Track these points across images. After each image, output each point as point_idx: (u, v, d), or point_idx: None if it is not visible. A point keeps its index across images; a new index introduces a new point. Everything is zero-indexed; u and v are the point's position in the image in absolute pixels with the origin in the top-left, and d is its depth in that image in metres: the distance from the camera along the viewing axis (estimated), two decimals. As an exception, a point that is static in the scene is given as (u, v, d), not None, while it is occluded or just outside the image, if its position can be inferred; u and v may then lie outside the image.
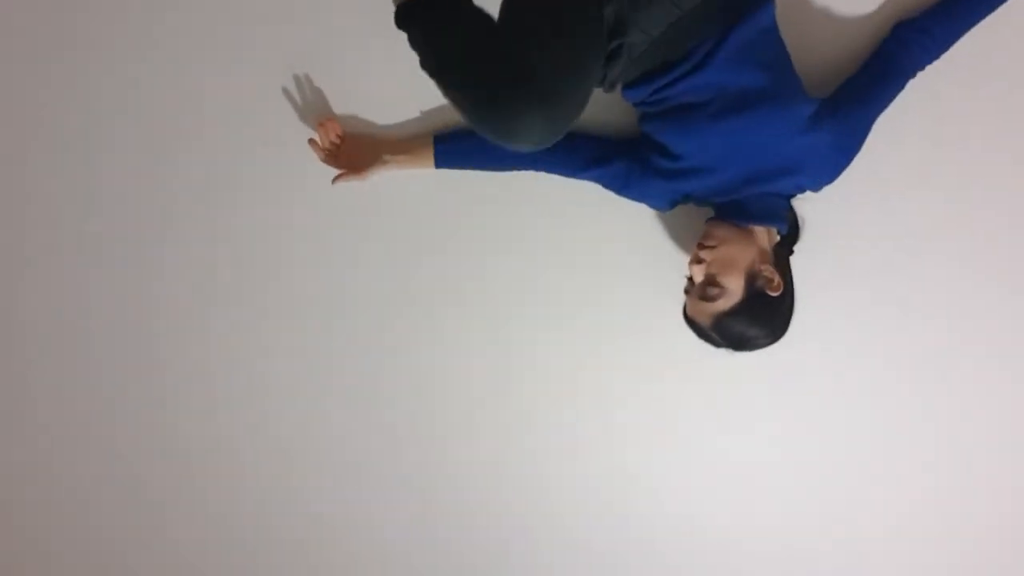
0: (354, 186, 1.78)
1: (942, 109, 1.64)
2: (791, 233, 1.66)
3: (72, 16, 1.73)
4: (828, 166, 1.56)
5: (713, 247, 1.53)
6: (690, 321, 1.62)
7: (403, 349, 1.91)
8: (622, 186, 1.64)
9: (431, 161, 1.71)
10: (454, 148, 1.70)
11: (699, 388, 1.87)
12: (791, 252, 1.66)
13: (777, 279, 1.54)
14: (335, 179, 1.73)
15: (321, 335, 1.92)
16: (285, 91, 1.75)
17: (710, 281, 1.52)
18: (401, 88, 1.72)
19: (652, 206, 1.67)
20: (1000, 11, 1.52)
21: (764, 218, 1.56)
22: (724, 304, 1.53)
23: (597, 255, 1.81)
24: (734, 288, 1.52)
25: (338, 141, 1.73)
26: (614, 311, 1.84)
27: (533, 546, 2.03)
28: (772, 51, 1.51)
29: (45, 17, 1.73)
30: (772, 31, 1.50)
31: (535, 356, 1.89)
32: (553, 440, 1.94)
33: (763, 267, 1.54)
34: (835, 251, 1.74)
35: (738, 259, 1.52)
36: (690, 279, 1.58)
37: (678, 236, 1.78)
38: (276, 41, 1.71)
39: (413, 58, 1.47)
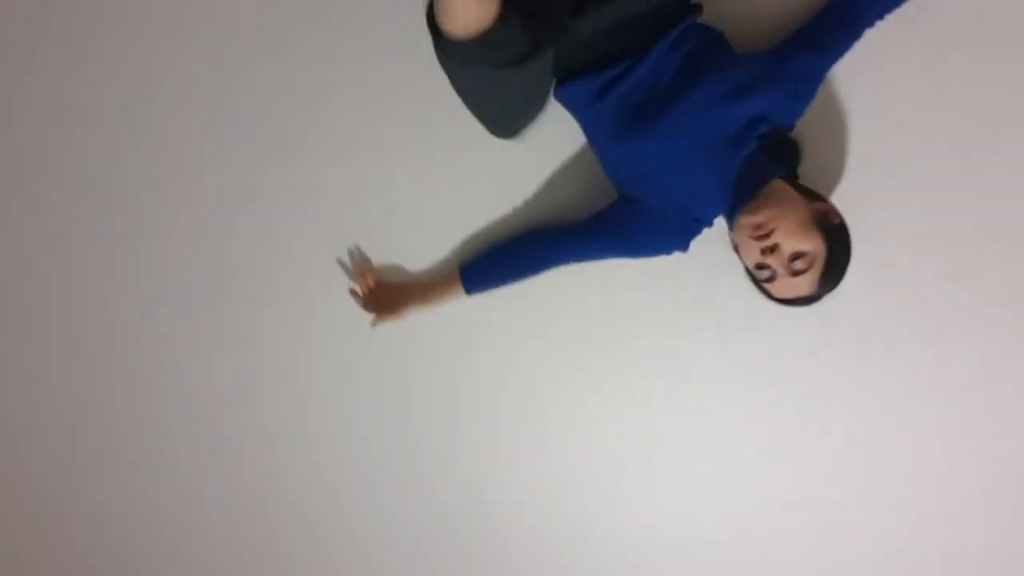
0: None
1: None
2: (795, 160, 1.62)
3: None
4: (785, 113, 1.55)
5: (773, 230, 1.46)
6: (789, 300, 1.55)
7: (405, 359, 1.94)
8: (636, 243, 1.65)
9: (460, 291, 1.81)
10: (479, 272, 1.79)
11: (695, 388, 1.85)
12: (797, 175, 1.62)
13: (831, 206, 1.51)
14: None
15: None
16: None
17: (794, 257, 1.47)
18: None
19: (673, 248, 1.65)
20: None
21: (772, 172, 1.52)
22: (819, 265, 1.48)
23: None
24: (817, 247, 1.47)
25: (375, 287, 1.88)
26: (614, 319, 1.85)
27: (534, 548, 2.02)
28: (700, 27, 1.57)
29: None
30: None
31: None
32: (555, 447, 1.94)
33: (817, 204, 1.50)
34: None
35: (801, 220, 1.46)
36: (762, 266, 1.51)
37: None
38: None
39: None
